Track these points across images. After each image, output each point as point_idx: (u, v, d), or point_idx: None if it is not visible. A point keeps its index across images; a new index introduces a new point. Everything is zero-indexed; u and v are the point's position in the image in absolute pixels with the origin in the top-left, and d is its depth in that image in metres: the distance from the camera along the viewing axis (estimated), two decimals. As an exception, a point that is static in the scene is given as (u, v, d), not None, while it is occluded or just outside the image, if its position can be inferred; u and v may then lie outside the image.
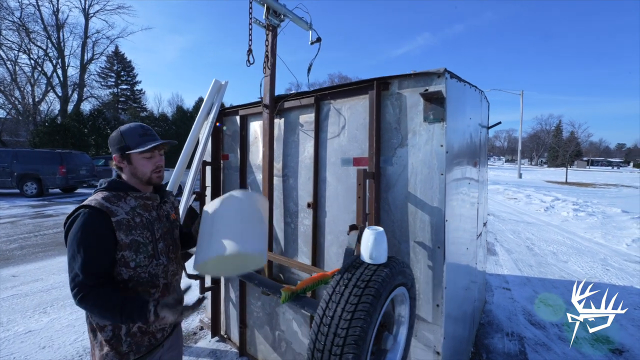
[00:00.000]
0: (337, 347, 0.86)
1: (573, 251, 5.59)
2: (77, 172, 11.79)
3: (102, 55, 25.59)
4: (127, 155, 1.16)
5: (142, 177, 1.18)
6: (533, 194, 12.85)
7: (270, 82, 1.97)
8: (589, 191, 16.41)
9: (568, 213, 8.77)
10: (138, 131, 1.16)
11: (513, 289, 3.93)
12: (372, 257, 1.03)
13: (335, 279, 1.02)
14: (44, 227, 6.76)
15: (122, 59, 29.61)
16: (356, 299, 0.92)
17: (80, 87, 23.30)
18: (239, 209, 1.22)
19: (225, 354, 2.54)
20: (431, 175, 1.43)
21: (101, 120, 21.17)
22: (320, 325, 0.93)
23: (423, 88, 1.43)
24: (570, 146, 26.91)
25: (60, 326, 2.93)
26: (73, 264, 1.04)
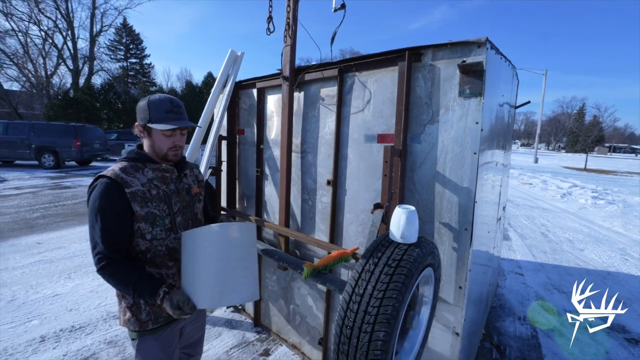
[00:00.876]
0: (368, 325, 0.85)
1: (590, 239, 5.47)
2: (91, 146, 12.01)
3: (110, 27, 25.18)
4: (149, 127, 1.12)
5: (159, 153, 1.16)
6: (549, 180, 12.50)
7: (291, 52, 1.86)
8: (609, 179, 15.84)
9: (586, 200, 8.52)
10: (165, 106, 1.11)
11: (526, 274, 3.90)
12: (404, 237, 0.99)
13: (365, 257, 0.99)
14: (62, 197, 6.99)
15: (131, 31, 29.09)
16: (387, 278, 0.89)
17: (91, 60, 23.18)
18: (223, 250, 1.04)
19: (240, 323, 2.62)
20: (463, 154, 1.35)
21: (112, 94, 21.27)
22: (350, 302, 0.91)
23: (460, 59, 1.32)
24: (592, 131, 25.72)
25: (84, 291, 3.07)
26: (92, 232, 1.06)
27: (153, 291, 1.02)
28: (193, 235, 1.04)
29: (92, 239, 1.06)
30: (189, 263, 1.03)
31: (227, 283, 1.01)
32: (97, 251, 1.05)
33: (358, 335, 0.86)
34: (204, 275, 1.00)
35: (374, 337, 0.83)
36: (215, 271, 1.01)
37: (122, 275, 1.04)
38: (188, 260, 1.03)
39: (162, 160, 1.19)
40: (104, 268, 1.04)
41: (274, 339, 2.43)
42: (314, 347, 2.13)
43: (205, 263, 1.01)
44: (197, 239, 1.03)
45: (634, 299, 3.41)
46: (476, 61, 1.23)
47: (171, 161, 1.19)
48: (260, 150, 2.33)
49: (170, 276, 1.19)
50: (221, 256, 1.03)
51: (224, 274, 1.01)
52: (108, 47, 27.64)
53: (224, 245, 1.04)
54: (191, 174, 1.32)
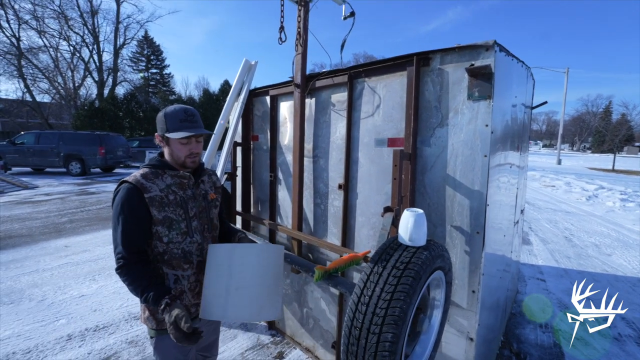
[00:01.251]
0: (376, 326, 0.86)
1: (618, 244, 5.18)
2: (115, 153, 12.58)
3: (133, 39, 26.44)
4: (167, 137, 1.19)
5: (177, 160, 1.22)
6: (573, 182, 11.96)
7: (302, 60, 1.92)
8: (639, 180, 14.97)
9: (614, 203, 8.09)
10: (180, 116, 1.17)
11: (548, 280, 3.75)
12: (412, 239, 1.00)
13: (373, 260, 1.01)
14: (88, 203, 7.36)
15: (152, 43, 30.44)
16: (395, 280, 0.91)
17: (115, 72, 24.39)
18: (265, 266, 1.13)
19: (255, 326, 2.67)
20: (473, 156, 1.34)
21: (134, 104, 22.21)
22: (358, 304, 0.93)
23: (468, 63, 1.32)
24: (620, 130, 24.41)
25: (107, 292, 3.22)
26: (115, 235, 1.13)
27: (156, 300, 1.05)
28: (231, 250, 1.14)
29: (114, 240, 1.14)
30: (224, 278, 1.09)
31: (266, 298, 1.07)
32: (117, 252, 1.12)
33: (366, 336, 0.87)
34: (244, 288, 1.07)
35: (381, 338, 0.85)
36: (255, 282, 1.08)
37: (134, 278, 1.09)
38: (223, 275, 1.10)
39: (180, 167, 1.25)
40: (121, 268, 1.11)
41: (288, 342, 2.45)
42: (327, 350, 2.14)
43: (247, 274, 1.08)
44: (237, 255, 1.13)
45: (668, 307, 3.20)
46: (484, 64, 1.23)
47: (189, 168, 1.26)
48: (274, 156, 2.39)
49: (186, 277, 1.24)
50: (266, 273, 1.11)
51: (265, 287, 1.09)
52: (130, 58, 29.02)
53: (267, 261, 1.14)
54: (209, 180, 1.38)
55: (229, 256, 1.13)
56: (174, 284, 1.22)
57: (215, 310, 1.06)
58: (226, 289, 1.07)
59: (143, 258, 1.16)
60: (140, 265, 1.13)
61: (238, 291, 1.06)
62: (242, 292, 1.06)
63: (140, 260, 1.14)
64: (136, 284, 1.09)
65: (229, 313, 1.05)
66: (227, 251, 1.14)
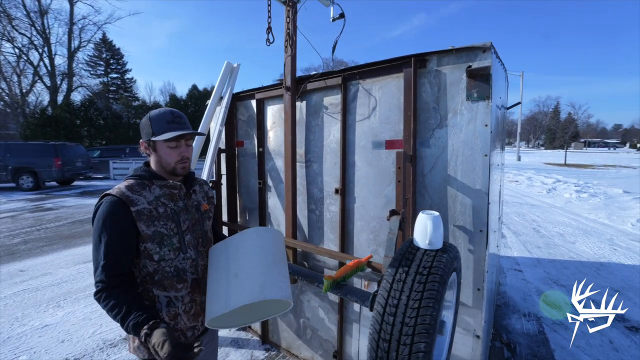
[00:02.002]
0: (407, 337, 0.82)
1: (579, 232, 5.65)
2: (73, 164, 11.58)
3: (89, 42, 24.72)
4: (153, 142, 1.08)
5: (166, 167, 1.10)
6: (534, 177, 12.93)
7: (292, 62, 1.86)
8: (588, 172, 16.56)
9: (571, 195, 8.85)
10: (167, 117, 1.07)
11: (525, 271, 3.97)
12: (431, 243, 0.98)
13: (393, 266, 0.97)
14: (45, 220, 6.66)
15: (111, 46, 28.59)
16: (421, 287, 0.87)
17: (69, 77, 22.59)
18: (261, 246, 1.08)
19: (247, 342, 2.53)
20: (474, 156, 1.36)
21: (93, 111, 20.70)
22: (384, 314, 0.88)
23: (465, 64, 1.34)
24: (569, 128, 26.97)
25: (76, 319, 2.90)
26: (96, 255, 0.99)
27: (136, 332, 0.92)
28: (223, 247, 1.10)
29: (94, 261, 1.00)
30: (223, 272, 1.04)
31: (270, 276, 1.00)
32: (97, 274, 0.98)
33: (397, 348, 0.83)
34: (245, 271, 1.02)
35: (414, 349, 0.81)
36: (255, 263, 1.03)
37: (113, 304, 0.95)
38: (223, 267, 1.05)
39: (170, 176, 1.13)
40: (98, 293, 0.97)
41: (284, 355, 2.35)
42: (328, 360, 2.08)
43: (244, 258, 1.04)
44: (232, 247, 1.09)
45: (628, 287, 3.52)
46: (483, 66, 1.26)
47: (180, 175, 1.13)
48: (262, 162, 2.29)
49: (180, 299, 1.11)
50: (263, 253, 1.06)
51: (265, 266, 1.03)
52: (87, 62, 27.01)
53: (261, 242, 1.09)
54: (200, 190, 1.27)
55: (225, 248, 1.09)
56: (166, 307, 1.09)
57: (217, 307, 0.98)
58: (226, 281, 1.01)
59: (126, 280, 1.02)
60: (121, 288, 0.98)
61: (237, 277, 1.00)
62: (240, 277, 1.00)
63: (121, 283, 1.00)
64: (115, 311, 0.94)
65: (231, 302, 0.95)
66: (223, 245, 1.12)
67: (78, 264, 4.23)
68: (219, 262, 1.07)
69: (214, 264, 1.09)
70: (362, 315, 1.86)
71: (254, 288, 0.94)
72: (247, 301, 0.92)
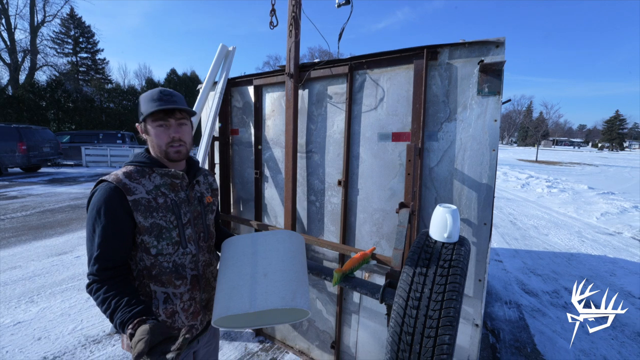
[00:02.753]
0: (431, 329, 0.82)
1: (551, 225, 6.01)
2: (40, 150, 10.78)
3: (55, 17, 22.77)
4: (144, 123, 1.00)
5: (159, 150, 1.01)
6: (509, 172, 13.57)
7: (296, 48, 1.78)
8: (557, 169, 17.61)
9: (542, 190, 9.37)
10: (154, 95, 0.98)
11: (504, 261, 4.18)
12: (450, 236, 0.98)
13: (412, 259, 0.96)
14: (10, 210, 6.18)
15: (80, 23, 26.49)
16: (444, 280, 0.88)
17: (33, 54, 20.76)
18: (292, 251, 1.04)
19: (241, 335, 2.49)
20: (481, 151, 1.38)
21: (61, 92, 19.23)
22: (407, 308, 0.88)
23: (477, 58, 1.34)
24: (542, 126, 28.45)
25: (53, 315, 2.72)
26: (89, 244, 0.92)
27: (123, 330, 0.84)
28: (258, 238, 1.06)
29: (88, 251, 0.92)
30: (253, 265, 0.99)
31: (298, 283, 0.96)
32: (89, 266, 0.91)
33: (420, 340, 0.83)
34: (275, 273, 0.97)
35: (438, 342, 0.81)
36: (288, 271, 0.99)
37: (103, 300, 0.87)
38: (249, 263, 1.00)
39: (171, 163, 1.05)
40: (89, 286, 0.90)
41: (279, 347, 2.34)
42: (325, 351, 2.09)
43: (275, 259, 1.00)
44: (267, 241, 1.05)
45: (595, 276, 3.80)
46: (497, 61, 1.26)
47: (174, 160, 1.03)
48: (259, 151, 2.22)
49: (178, 296, 1.05)
50: (293, 259, 1.02)
51: (295, 273, 0.99)
52: (53, 39, 24.94)
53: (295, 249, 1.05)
54: (205, 181, 1.19)
55: (253, 243, 1.05)
56: (163, 303, 1.02)
57: (238, 304, 0.90)
58: (252, 277, 0.95)
59: (119, 273, 0.93)
60: (112, 281, 0.90)
61: (267, 277, 0.95)
62: (271, 278, 0.95)
63: (114, 276, 0.91)
64: (105, 306, 0.86)
65: (258, 302, 0.89)
66: (250, 239, 1.07)
67: (51, 256, 3.97)
68: (242, 256, 1.01)
69: (236, 257, 1.03)
70: (361, 307, 1.88)
71: (287, 293, 0.90)
72: (278, 305, 0.87)
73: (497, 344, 2.48)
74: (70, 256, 4.01)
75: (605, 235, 5.43)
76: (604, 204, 7.51)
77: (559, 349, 2.44)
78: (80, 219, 5.60)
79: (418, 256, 0.97)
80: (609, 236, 5.41)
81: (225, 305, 0.90)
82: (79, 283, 3.31)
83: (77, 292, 3.11)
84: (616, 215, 6.62)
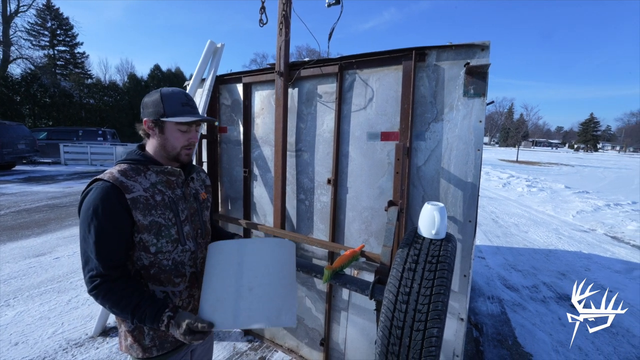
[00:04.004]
0: (420, 323, 0.85)
1: (531, 222, 6.26)
2: (14, 147, 10.26)
3: (30, 8, 21.71)
4: (162, 122, 0.99)
5: (171, 152, 1.03)
6: (491, 172, 14.00)
7: (286, 46, 1.78)
8: (536, 169, 18.31)
9: (523, 189, 9.72)
10: (181, 99, 1.00)
11: (487, 258, 4.32)
12: (437, 233, 1.01)
13: (401, 256, 0.99)
14: (-18, 209, 5.86)
15: (57, 14, 25.30)
16: (432, 275, 0.91)
17: (5, 45, 19.72)
18: (281, 262, 0.98)
19: (228, 334, 2.48)
20: (467, 151, 1.43)
21: (37, 87, 18.37)
22: (396, 302, 0.90)
23: (464, 61, 1.39)
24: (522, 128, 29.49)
25: (31, 319, 2.61)
26: (84, 246, 0.90)
27: (155, 317, 0.88)
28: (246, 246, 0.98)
29: (83, 254, 0.90)
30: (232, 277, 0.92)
31: (285, 299, 0.92)
32: (89, 268, 0.89)
33: (410, 334, 0.86)
34: (260, 287, 0.90)
35: (427, 334, 0.84)
36: (275, 286, 0.93)
37: (119, 297, 0.89)
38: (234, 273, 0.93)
39: (170, 162, 1.05)
40: (97, 288, 0.89)
41: (268, 345, 2.34)
42: (314, 348, 2.10)
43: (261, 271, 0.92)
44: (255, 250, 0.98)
45: (571, 271, 3.99)
46: (482, 64, 1.31)
47: (182, 162, 1.07)
48: (248, 150, 2.20)
49: (177, 294, 1.05)
50: (282, 271, 0.96)
51: (284, 289, 0.94)
52: (28, 31, 23.69)
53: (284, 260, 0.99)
54: (198, 178, 1.19)
55: (239, 252, 0.96)
56: None
57: (222, 318, 0.87)
58: (236, 291, 0.89)
59: (125, 272, 0.95)
60: (122, 280, 0.92)
61: (252, 292, 0.89)
62: (256, 293, 0.89)
63: (122, 275, 0.93)
64: (123, 303, 0.88)
65: (241, 319, 0.87)
66: (236, 247, 0.97)
67: (28, 258, 3.80)
68: (228, 265, 0.94)
69: (221, 265, 0.96)
70: (350, 304, 1.90)
71: (271, 312, 0.88)
72: (262, 325, 0.87)
73: (480, 338, 2.57)
74: (49, 257, 3.85)
75: (580, 232, 5.70)
76: (579, 202, 7.88)
77: (538, 341, 2.55)
78: (59, 219, 5.38)
79: (407, 252, 0.99)
80: (584, 233, 5.68)
81: (209, 317, 0.88)
82: (59, 285, 3.18)
83: (57, 295, 2.99)
84: (590, 213, 6.95)
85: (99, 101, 21.06)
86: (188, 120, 0.97)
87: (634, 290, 3.48)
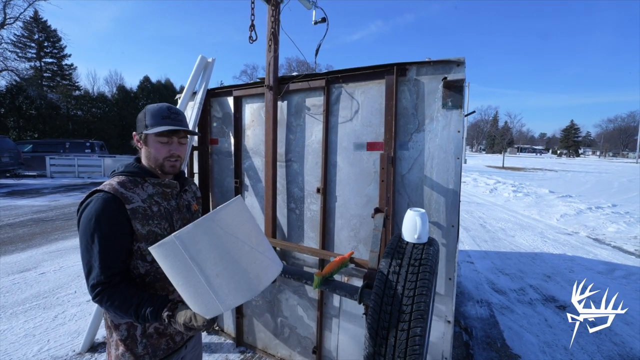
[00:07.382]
0: (404, 323, 0.90)
1: (517, 227, 6.42)
2: (-2, 160, 10.00)
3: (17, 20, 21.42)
4: (145, 135, 1.05)
5: (154, 163, 1.08)
6: (478, 178, 14.32)
7: (274, 61, 1.86)
8: (521, 174, 18.81)
9: (509, 194, 9.98)
10: (163, 112, 1.05)
11: (475, 262, 4.41)
12: (419, 237, 1.07)
13: (386, 260, 1.05)
14: (-38, 225, 5.67)
15: (45, 26, 25.10)
16: (414, 277, 0.96)
17: (-10, 58, 19.35)
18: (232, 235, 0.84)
19: (221, 346, 2.46)
20: (447, 159, 1.51)
21: (22, 99, 18.04)
22: (382, 304, 0.95)
23: (441, 75, 1.48)
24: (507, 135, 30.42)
25: (15, 337, 2.54)
26: (87, 255, 0.94)
27: (156, 317, 0.92)
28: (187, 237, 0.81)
29: (86, 264, 0.94)
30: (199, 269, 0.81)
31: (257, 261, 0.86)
32: (93, 276, 0.93)
33: (395, 334, 0.90)
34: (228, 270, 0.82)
35: (411, 334, 0.89)
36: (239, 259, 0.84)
37: (123, 299, 0.93)
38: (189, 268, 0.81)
39: (160, 173, 1.10)
40: (101, 293, 0.93)
41: (261, 356, 2.33)
42: (306, 357, 2.11)
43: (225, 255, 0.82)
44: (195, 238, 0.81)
45: (556, 273, 4.11)
46: (458, 78, 1.41)
47: (168, 173, 1.11)
48: (239, 161, 2.25)
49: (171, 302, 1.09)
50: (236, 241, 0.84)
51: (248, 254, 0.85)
52: (14, 43, 23.34)
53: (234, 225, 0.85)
54: (190, 190, 1.24)
55: (183, 248, 0.80)
56: None
57: (208, 307, 0.82)
58: (207, 281, 0.81)
59: (127, 276, 1.00)
60: (123, 284, 0.96)
61: (220, 277, 0.81)
62: (225, 276, 0.81)
63: (124, 280, 0.98)
64: (126, 305, 0.92)
65: (227, 302, 0.81)
66: (175, 243, 0.80)
67: (12, 274, 3.69)
68: (182, 265, 0.82)
69: (175, 267, 0.82)
70: (341, 310, 1.94)
71: (251, 282, 0.83)
72: (248, 297, 0.83)
73: (470, 341, 2.62)
74: (34, 273, 3.75)
75: (564, 235, 5.88)
76: (563, 206, 8.14)
77: (526, 342, 2.61)
78: (44, 233, 5.24)
79: (391, 257, 1.05)
80: (568, 236, 5.87)
81: (198, 310, 0.84)
82: (44, 301, 3.10)
83: (42, 311, 2.91)
84: (573, 217, 7.19)
85: (87, 113, 20.79)
86: (161, 130, 1.00)
87: (616, 290, 3.61)
